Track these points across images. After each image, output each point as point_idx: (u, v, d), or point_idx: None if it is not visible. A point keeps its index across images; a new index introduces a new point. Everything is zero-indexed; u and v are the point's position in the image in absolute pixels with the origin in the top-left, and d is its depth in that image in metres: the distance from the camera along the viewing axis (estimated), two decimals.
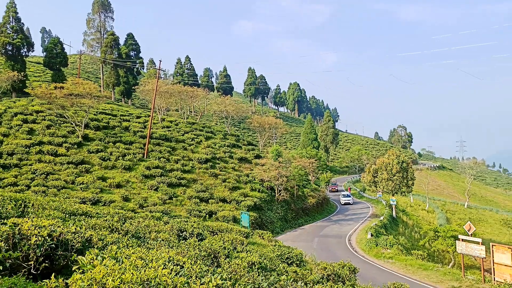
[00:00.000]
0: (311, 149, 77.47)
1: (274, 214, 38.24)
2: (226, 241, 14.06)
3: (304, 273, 11.07)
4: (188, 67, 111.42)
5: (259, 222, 33.95)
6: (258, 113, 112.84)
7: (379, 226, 38.00)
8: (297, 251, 16.02)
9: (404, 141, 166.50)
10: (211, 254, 10.12)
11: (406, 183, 48.11)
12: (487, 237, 47.45)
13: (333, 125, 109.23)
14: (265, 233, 23.85)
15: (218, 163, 43.29)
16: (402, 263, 25.91)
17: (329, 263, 13.19)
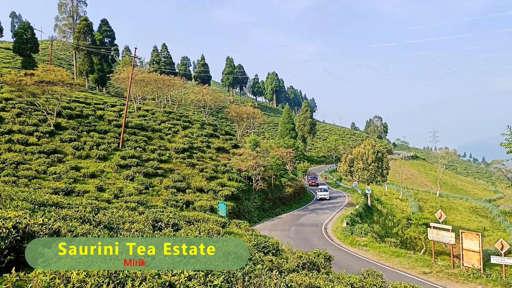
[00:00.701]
0: (288, 139, 77.87)
1: (252, 203, 38.36)
2: (202, 231, 13.97)
3: (280, 262, 11.13)
4: (165, 55, 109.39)
5: (237, 211, 33.98)
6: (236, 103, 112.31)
7: (355, 215, 38.74)
8: (273, 240, 16.09)
9: (379, 131, 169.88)
10: None
11: (381, 172, 49.13)
12: (457, 225, 49.15)
13: (311, 115, 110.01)
14: (242, 222, 23.88)
15: (195, 152, 42.93)
16: (376, 251, 26.54)
17: (305, 252, 13.31)
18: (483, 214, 63.47)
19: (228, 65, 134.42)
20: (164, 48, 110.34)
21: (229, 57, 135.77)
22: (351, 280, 9.96)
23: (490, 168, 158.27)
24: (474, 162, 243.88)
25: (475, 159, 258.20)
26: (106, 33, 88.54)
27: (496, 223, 58.91)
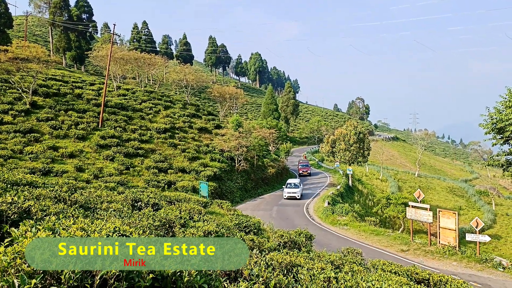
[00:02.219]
0: (271, 120, 77.70)
1: (234, 184, 38.36)
2: (183, 211, 13.82)
3: (261, 241, 11.10)
4: (146, 33, 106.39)
5: (219, 192, 33.94)
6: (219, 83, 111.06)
7: (336, 195, 39.25)
8: (255, 219, 16.10)
9: (361, 112, 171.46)
10: (165, 224, 9.85)
11: (362, 153, 49.68)
12: (435, 204, 50.49)
13: (294, 96, 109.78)
14: (224, 202, 23.85)
15: (177, 133, 42.40)
16: (356, 229, 27.02)
17: (286, 231, 13.36)
18: (459, 194, 65.37)
19: (210, 45, 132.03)
20: (144, 25, 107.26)
21: (211, 36, 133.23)
22: (332, 258, 10.02)
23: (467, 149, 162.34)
24: (452, 143, 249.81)
25: (453, 141, 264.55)
26: (83, 9, 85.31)
27: (471, 202, 60.81)
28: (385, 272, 9.75)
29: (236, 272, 6.05)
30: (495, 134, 18.27)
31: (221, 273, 6.11)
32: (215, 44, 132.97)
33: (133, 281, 3.64)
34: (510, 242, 43.17)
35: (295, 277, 6.46)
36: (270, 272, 5.63)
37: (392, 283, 6.18)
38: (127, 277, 3.59)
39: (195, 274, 4.36)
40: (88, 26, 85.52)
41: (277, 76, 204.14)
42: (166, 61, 73.80)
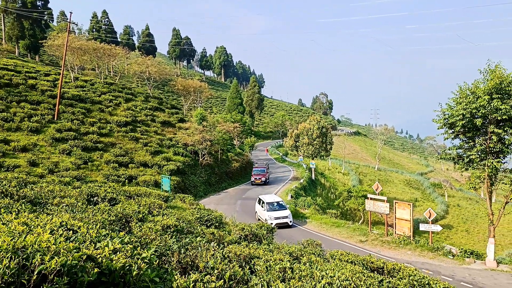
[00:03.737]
0: (236, 114, 77.57)
1: (198, 178, 38.00)
2: (143, 205, 13.50)
3: (221, 234, 11.04)
4: (106, 23, 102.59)
5: (182, 186, 33.51)
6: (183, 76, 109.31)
7: (299, 188, 39.84)
8: (217, 213, 16.02)
9: (325, 108, 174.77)
10: (122, 218, 9.57)
11: (325, 147, 50.77)
12: (392, 196, 52.45)
13: (259, 91, 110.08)
14: (186, 196, 23.57)
15: (139, 126, 41.35)
16: (317, 222, 27.58)
17: (248, 224, 13.39)
18: (415, 186, 68.30)
19: (174, 37, 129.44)
20: (104, 15, 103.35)
21: (175, 28, 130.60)
22: (291, 249, 10.14)
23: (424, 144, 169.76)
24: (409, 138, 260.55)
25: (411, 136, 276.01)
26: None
27: (426, 194, 63.75)
28: (342, 261, 9.99)
29: (192, 265, 5.98)
30: (447, 129, 19.11)
31: (177, 266, 6.02)
32: (179, 36, 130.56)
33: (76, 276, 3.47)
34: (461, 232, 45.74)
35: (251, 268, 6.47)
36: (226, 265, 5.59)
37: (346, 271, 6.33)
38: (69, 272, 3.42)
39: (146, 267, 4.24)
40: (43, 13, 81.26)
41: (242, 70, 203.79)
42: (128, 52, 71.52)
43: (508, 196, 18.14)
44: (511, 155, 17.98)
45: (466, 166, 19.31)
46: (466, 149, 19.21)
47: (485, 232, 40.53)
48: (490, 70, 16.96)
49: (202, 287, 4.00)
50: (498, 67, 16.79)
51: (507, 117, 16.42)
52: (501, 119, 16.74)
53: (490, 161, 17.65)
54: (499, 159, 17.82)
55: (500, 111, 16.32)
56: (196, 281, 4.07)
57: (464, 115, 17.48)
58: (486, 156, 18.04)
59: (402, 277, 8.97)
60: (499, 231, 44.24)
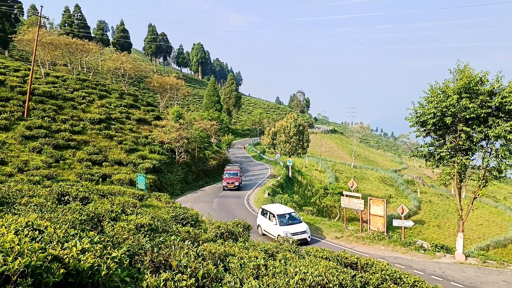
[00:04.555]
0: (213, 112, 77.11)
1: (174, 176, 37.60)
2: (116, 204, 13.24)
3: (197, 232, 10.97)
4: (78, 17, 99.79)
5: (158, 184, 33.08)
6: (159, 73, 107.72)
7: (276, 186, 40.05)
8: (193, 211, 15.91)
9: (302, 106, 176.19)
10: (94, 218, 9.36)
11: (302, 145, 51.12)
12: (367, 193, 53.49)
13: (236, 89, 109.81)
14: (162, 195, 23.28)
15: (113, 124, 40.50)
16: None
17: (224, 222, 13.34)
18: (389, 183, 69.91)
19: (150, 33, 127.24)
20: (77, 9, 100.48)
21: (151, 24, 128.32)
22: (267, 247, 10.17)
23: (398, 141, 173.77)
24: (384, 136, 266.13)
25: (385, 134, 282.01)
26: None
27: (400, 190, 65.35)
28: (317, 258, 10.11)
29: (165, 264, 5.90)
30: (419, 127, 19.63)
31: (150, 265, 5.93)
32: (155, 33, 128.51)
33: (41, 277, 3.36)
34: (432, 227, 47.15)
35: (226, 266, 6.45)
36: (199, 263, 5.55)
37: (320, 267, 6.39)
38: (34, 273, 3.30)
39: (116, 267, 4.15)
40: (13, 7, 78.30)
41: (219, 67, 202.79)
42: (102, 48, 69.91)
43: (476, 192, 18.81)
44: (479, 152, 18.62)
45: (437, 163, 19.89)
46: (436, 146, 19.78)
47: (455, 227, 41.91)
48: (459, 70, 17.51)
49: (173, 286, 3.95)
50: (467, 67, 17.35)
51: (475, 115, 16.99)
52: (470, 117, 17.31)
53: (459, 158, 18.24)
54: (467, 156, 18.45)
55: (468, 110, 16.88)
56: (167, 280, 4.01)
57: (435, 113, 17.99)
58: (456, 154, 18.63)
59: (374, 271, 9.17)
60: (468, 225, 45.88)
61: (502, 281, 15.38)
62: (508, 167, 17.20)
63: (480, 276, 15.97)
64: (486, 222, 50.70)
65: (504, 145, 16.98)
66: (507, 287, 14.72)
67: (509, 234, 45.51)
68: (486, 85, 17.23)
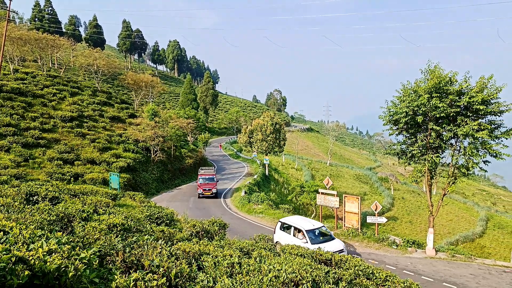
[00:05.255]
0: (190, 110, 76.44)
1: (150, 175, 37.05)
2: (88, 204, 12.94)
3: (172, 231, 10.85)
4: (49, 12, 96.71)
5: (133, 183, 32.52)
6: (134, 70, 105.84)
7: (253, 184, 40.11)
8: (168, 210, 15.73)
9: (279, 104, 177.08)
10: (64, 218, 9.09)
11: (278, 143, 51.43)
12: (343, 190, 54.34)
13: (213, 87, 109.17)
14: (137, 194, 22.89)
15: (86, 122, 39.49)
16: (270, 217, 27.92)
17: (199, 221, 13.25)
18: (364, 181, 71.26)
19: (124, 29, 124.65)
20: (48, 3, 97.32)
21: (125, 20, 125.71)
22: (242, 245, 10.18)
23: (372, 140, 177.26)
24: (359, 134, 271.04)
25: (361, 132, 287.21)
26: None
27: (374, 188, 66.74)
28: (292, 255, 10.18)
29: (137, 264, 5.80)
30: (392, 126, 20.08)
31: (122, 265, 5.81)
32: (130, 29, 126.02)
33: (4, 279, 3.24)
34: (405, 223, 48.40)
35: (200, 265, 6.40)
36: (172, 262, 5.48)
37: (294, 264, 6.44)
38: None
39: (84, 268, 4.04)
40: None
41: (196, 65, 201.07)
42: (73, 44, 67.99)
43: (446, 188, 19.43)
44: (448, 150, 19.22)
45: (409, 161, 20.42)
46: (408, 144, 20.30)
47: (427, 223, 43.17)
48: (430, 70, 18.01)
49: (144, 286, 3.88)
50: (437, 68, 17.87)
51: (444, 114, 17.52)
52: (440, 116, 17.84)
53: (430, 156, 18.78)
54: (437, 154, 19.01)
55: (438, 109, 17.39)
56: (137, 280, 3.94)
57: (407, 112, 18.44)
58: (427, 151, 19.17)
59: (348, 267, 9.32)
60: (439, 221, 47.38)
61: (470, 274, 15.96)
62: (475, 165, 17.83)
63: (449, 270, 16.52)
64: (456, 218, 52.48)
65: (472, 143, 17.59)
66: (474, 280, 15.29)
67: (477, 229, 47.31)
68: (455, 85, 17.80)
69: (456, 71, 17.62)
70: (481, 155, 17.69)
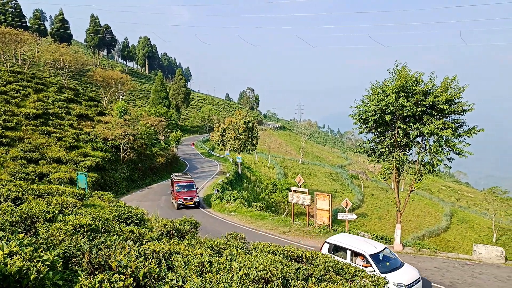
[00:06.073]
0: (161, 108, 75.25)
1: (119, 174, 36.23)
2: (53, 205, 12.51)
3: (141, 231, 10.64)
4: (13, 5, 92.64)
5: (102, 183, 31.71)
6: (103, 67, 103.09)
7: (225, 183, 40.02)
8: (138, 210, 15.43)
9: (252, 102, 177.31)
10: (27, 219, 8.75)
11: (251, 142, 51.49)
12: (314, 188, 55.08)
13: (185, 84, 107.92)
14: (105, 193, 22.33)
15: (52, 119, 38.12)
16: (243, 215, 27.96)
17: (170, 220, 13.05)
18: (336, 178, 72.56)
19: (92, 24, 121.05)
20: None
21: (93, 15, 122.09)
22: (213, 243, 10.12)
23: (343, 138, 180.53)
24: (331, 133, 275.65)
25: (332, 130, 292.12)
26: None
27: (345, 185, 68.07)
28: (264, 253, 10.23)
29: (104, 265, 5.66)
30: (361, 124, 20.53)
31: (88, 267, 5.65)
32: (98, 24, 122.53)
33: None
34: (374, 219, 49.65)
35: (170, 265, 6.32)
36: (141, 262, 5.38)
37: (265, 262, 6.47)
38: None
39: (47, 270, 3.91)
40: None
41: (168, 62, 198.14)
42: (38, 38, 65.48)
43: (413, 185, 20.07)
44: (415, 148, 19.85)
45: (378, 159, 20.93)
46: (377, 142, 20.80)
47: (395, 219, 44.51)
48: (398, 70, 18.52)
49: (109, 287, 3.79)
50: (404, 68, 18.40)
51: (411, 113, 18.08)
52: (406, 115, 18.39)
53: (398, 153, 19.34)
54: (405, 152, 19.60)
55: (405, 108, 17.92)
56: (102, 281, 3.84)
57: (376, 111, 18.89)
58: (394, 149, 19.73)
59: (318, 263, 9.46)
60: (406, 217, 48.91)
61: (434, 268, 16.57)
62: (440, 162, 18.51)
63: (415, 264, 17.07)
64: (422, 213, 54.34)
65: (437, 142, 18.24)
66: (438, 273, 15.89)
67: (442, 224, 49.19)
68: (421, 85, 18.38)
69: (422, 72, 18.21)
70: (445, 152, 18.37)
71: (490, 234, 48.57)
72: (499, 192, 51.95)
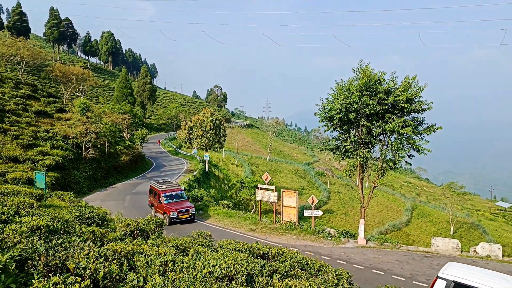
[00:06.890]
0: (125, 105, 73.27)
1: (81, 173, 34.97)
2: (9, 205, 11.90)
3: (103, 232, 10.33)
4: None
5: (62, 183, 30.47)
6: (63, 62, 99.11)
7: (192, 181, 39.60)
8: (100, 210, 14.97)
9: (220, 100, 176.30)
10: None
11: (218, 139, 51.21)
12: (282, 185, 55.62)
13: (151, 81, 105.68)
14: (65, 193, 21.50)
15: (8, 116, 36.18)
16: (210, 213, 27.78)
17: (134, 219, 12.76)
18: (303, 176, 73.60)
19: (52, 17, 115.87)
20: None
21: (53, 7, 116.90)
22: (178, 242, 9.98)
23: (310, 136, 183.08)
24: (298, 130, 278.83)
25: (299, 128, 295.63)
26: None
27: (312, 182, 69.21)
28: (230, 250, 10.20)
29: (61, 267, 5.43)
30: (327, 122, 20.92)
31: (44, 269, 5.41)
32: (58, 17, 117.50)
33: None
34: (340, 215, 50.81)
35: (132, 265, 6.16)
36: (100, 263, 5.21)
37: (230, 259, 6.45)
38: None
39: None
40: None
41: (132, 58, 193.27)
42: None
43: (376, 181, 20.69)
44: (378, 145, 20.46)
45: (343, 156, 21.42)
46: (342, 140, 21.28)
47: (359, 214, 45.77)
48: (361, 69, 18.99)
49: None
50: (368, 68, 18.90)
51: (374, 111, 18.61)
52: (370, 113, 18.91)
53: (361, 151, 19.86)
54: (368, 149, 20.17)
55: (368, 106, 18.42)
56: (57, 284, 3.68)
57: (341, 109, 19.30)
58: (358, 147, 20.24)
59: (284, 260, 9.56)
60: (370, 212, 50.40)
61: (396, 261, 17.17)
62: (401, 159, 19.19)
63: (378, 257, 17.64)
64: (385, 209, 56.19)
65: (398, 139, 18.90)
66: (399, 265, 16.49)
67: (403, 219, 51.07)
68: (383, 84, 18.95)
69: (384, 71, 18.78)
70: (406, 149, 19.08)
71: (448, 227, 50.99)
72: (456, 187, 54.62)
